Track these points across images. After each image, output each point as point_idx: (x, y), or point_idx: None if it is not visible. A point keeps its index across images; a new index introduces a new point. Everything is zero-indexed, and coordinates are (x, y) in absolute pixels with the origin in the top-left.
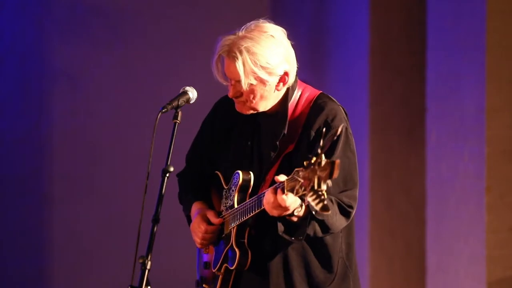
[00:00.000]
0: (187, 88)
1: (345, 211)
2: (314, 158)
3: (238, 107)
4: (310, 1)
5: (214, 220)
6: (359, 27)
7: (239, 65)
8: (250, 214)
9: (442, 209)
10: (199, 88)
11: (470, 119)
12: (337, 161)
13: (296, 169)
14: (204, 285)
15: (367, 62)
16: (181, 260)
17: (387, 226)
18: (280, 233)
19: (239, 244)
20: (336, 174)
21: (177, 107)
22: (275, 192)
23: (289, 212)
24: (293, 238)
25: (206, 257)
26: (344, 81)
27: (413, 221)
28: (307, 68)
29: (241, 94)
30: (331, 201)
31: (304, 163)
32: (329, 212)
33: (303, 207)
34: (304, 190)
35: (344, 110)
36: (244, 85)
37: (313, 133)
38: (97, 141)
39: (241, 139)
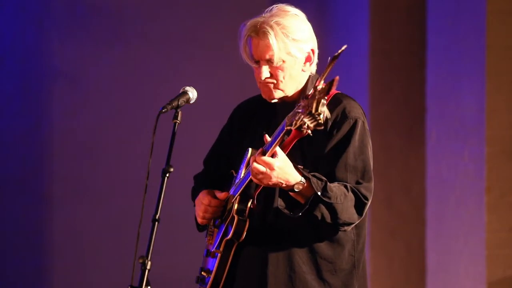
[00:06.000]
0: (187, 88)
1: (360, 202)
2: (314, 88)
3: (266, 92)
4: (310, 1)
5: (220, 194)
6: (359, 27)
7: (271, 38)
8: (246, 181)
9: (442, 209)
10: (199, 88)
11: (470, 119)
12: (336, 78)
13: (298, 103)
14: (202, 273)
15: (367, 62)
16: (181, 260)
17: (387, 226)
18: (280, 207)
19: (239, 212)
20: (334, 88)
21: (177, 107)
22: (262, 153)
23: (277, 178)
24: (291, 213)
25: (209, 247)
26: (344, 81)
27: (413, 221)
28: None
29: (271, 74)
30: (347, 188)
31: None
32: (322, 128)
33: (305, 183)
34: (302, 117)
35: (362, 109)
36: (276, 60)
37: (330, 122)
38: (97, 141)
39: (257, 129)
